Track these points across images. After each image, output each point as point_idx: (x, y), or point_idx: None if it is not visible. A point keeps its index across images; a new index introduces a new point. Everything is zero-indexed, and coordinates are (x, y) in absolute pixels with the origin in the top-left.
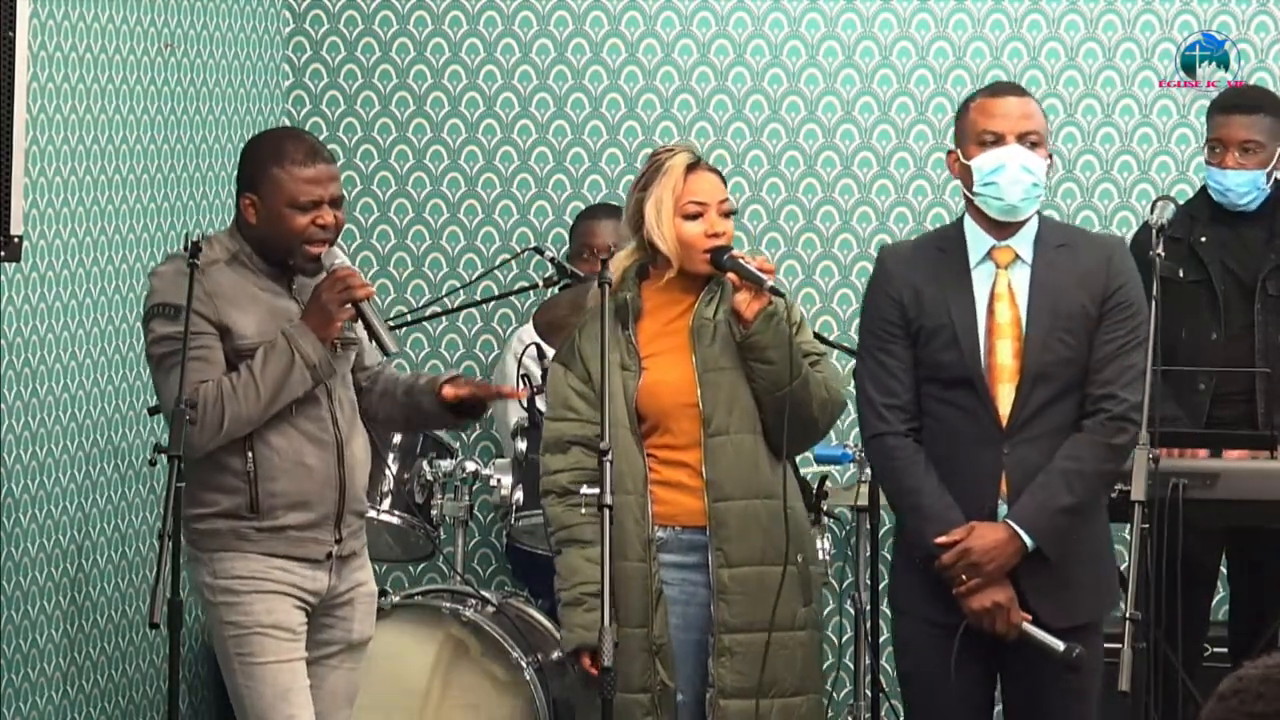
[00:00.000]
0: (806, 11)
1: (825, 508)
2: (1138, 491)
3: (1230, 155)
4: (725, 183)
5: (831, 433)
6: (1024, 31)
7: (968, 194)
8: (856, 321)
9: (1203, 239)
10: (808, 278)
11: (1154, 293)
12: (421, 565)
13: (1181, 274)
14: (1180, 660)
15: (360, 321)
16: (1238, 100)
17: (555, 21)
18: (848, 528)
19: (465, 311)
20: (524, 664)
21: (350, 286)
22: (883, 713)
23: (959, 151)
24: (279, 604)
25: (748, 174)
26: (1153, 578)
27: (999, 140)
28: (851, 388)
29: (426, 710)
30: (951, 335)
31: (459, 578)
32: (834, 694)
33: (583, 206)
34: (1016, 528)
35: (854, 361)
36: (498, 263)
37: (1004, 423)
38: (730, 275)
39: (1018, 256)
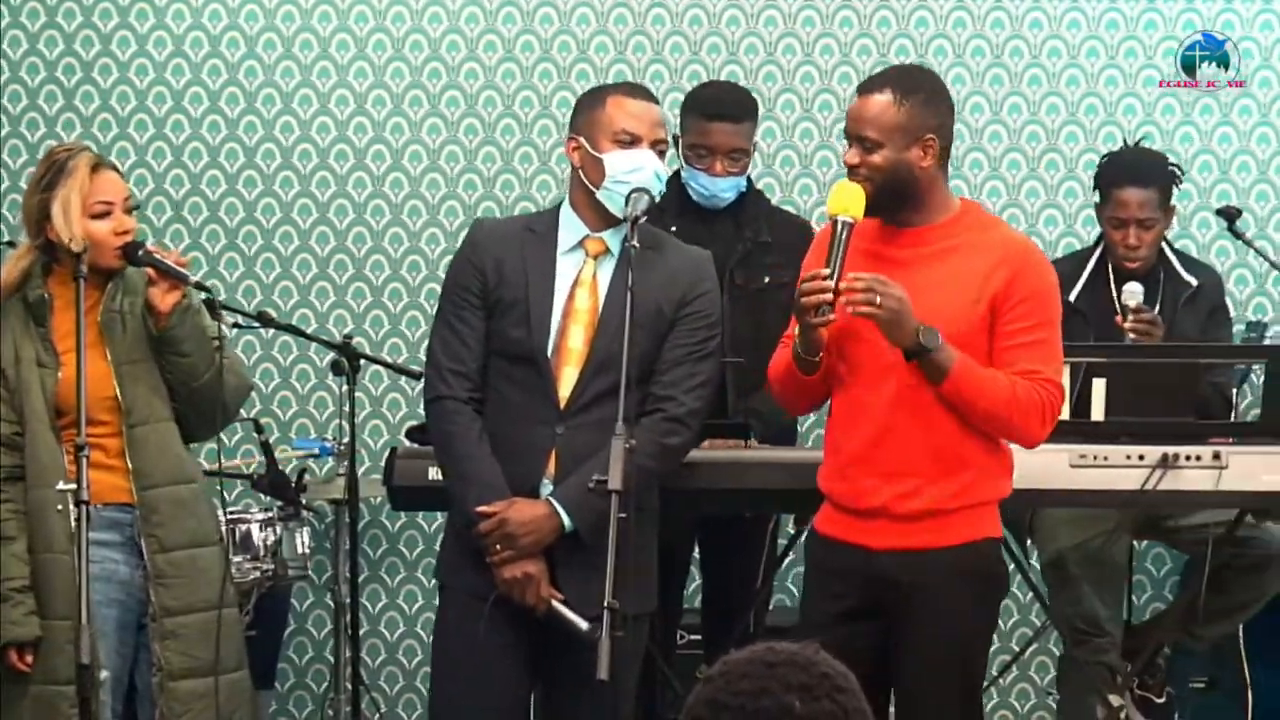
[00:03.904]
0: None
1: (304, 501)
2: (615, 480)
3: (719, 163)
4: (126, 180)
5: (309, 425)
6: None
7: (588, 184)
8: None
9: (673, 229)
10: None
11: (629, 283)
12: None
13: None
14: (658, 647)
15: None
16: (721, 109)
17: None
18: (327, 520)
19: None
20: None
21: None
22: (363, 705)
23: (584, 140)
24: None
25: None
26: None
27: (635, 142)
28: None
29: None
30: (524, 313)
31: None
32: (314, 687)
33: None
34: (557, 506)
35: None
36: None
37: (562, 404)
38: (149, 270)
39: (608, 249)
